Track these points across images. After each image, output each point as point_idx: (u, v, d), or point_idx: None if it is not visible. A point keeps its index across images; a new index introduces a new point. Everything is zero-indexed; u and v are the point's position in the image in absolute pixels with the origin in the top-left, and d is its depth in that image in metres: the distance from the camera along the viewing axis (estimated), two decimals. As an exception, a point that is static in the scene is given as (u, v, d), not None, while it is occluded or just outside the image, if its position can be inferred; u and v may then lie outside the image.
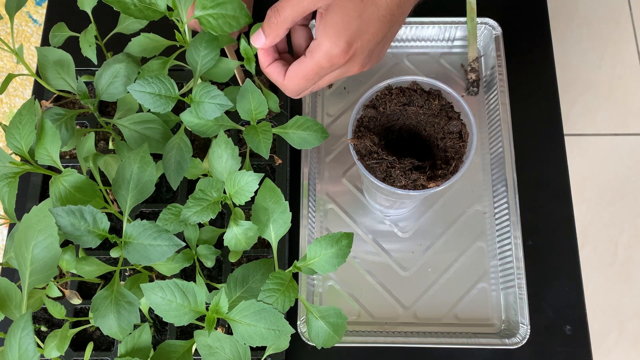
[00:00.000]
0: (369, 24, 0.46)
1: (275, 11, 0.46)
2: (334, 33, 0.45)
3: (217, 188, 0.48)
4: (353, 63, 0.48)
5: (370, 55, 0.49)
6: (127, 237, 0.44)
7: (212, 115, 0.48)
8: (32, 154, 0.46)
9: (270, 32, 0.47)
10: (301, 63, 0.48)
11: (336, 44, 0.45)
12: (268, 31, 0.48)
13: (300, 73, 0.48)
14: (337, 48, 0.46)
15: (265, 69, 0.51)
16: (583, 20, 1.51)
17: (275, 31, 0.47)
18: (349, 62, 0.48)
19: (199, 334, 0.43)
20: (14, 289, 0.44)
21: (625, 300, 1.31)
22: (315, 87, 0.51)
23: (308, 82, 0.49)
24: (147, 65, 0.51)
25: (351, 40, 0.46)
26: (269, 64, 0.50)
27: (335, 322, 0.47)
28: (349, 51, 0.46)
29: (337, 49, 0.46)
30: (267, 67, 0.51)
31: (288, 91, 0.51)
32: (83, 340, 0.62)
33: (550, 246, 0.66)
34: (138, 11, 0.47)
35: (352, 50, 0.46)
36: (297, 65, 0.48)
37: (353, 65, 0.48)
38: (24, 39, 1.50)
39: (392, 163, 0.53)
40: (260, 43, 0.49)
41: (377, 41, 0.48)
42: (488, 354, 0.62)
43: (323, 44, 0.46)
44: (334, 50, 0.46)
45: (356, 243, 0.66)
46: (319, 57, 0.46)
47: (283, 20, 0.46)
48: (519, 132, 0.69)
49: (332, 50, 0.46)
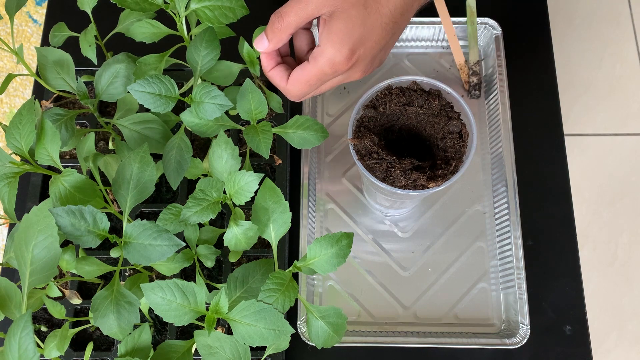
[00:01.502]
0: (372, 32, 0.46)
1: (279, 16, 0.46)
2: (337, 40, 0.45)
3: (217, 188, 0.48)
4: (355, 69, 0.48)
5: (372, 61, 0.49)
6: (127, 237, 0.44)
7: (212, 116, 0.48)
8: (32, 154, 0.46)
9: (274, 37, 0.48)
10: (304, 69, 0.48)
11: (339, 51, 0.46)
12: (271, 36, 0.48)
13: (302, 78, 0.49)
14: (340, 55, 0.46)
15: (267, 72, 0.51)
16: (583, 20, 1.51)
17: (278, 36, 0.47)
18: (351, 69, 0.48)
19: (199, 334, 0.43)
20: (14, 289, 0.44)
21: (625, 300, 1.31)
22: (316, 92, 0.52)
23: (310, 88, 0.50)
24: (143, 58, 0.51)
25: (354, 47, 0.46)
26: (272, 68, 0.51)
27: (335, 322, 0.47)
28: (352, 58, 0.46)
29: (341, 56, 0.46)
30: (270, 71, 0.51)
31: (290, 95, 0.51)
32: (83, 340, 0.62)
33: (550, 246, 0.66)
34: (134, 3, 0.47)
35: (355, 57, 0.47)
36: (300, 71, 0.48)
37: (355, 71, 0.49)
38: (24, 39, 1.50)
39: (392, 163, 0.53)
40: (263, 47, 0.49)
41: (380, 48, 0.48)
42: (488, 354, 0.62)
43: (326, 50, 0.46)
44: (337, 57, 0.46)
45: (356, 243, 0.66)
46: (322, 63, 0.47)
47: (287, 25, 0.47)
48: (519, 132, 0.69)
49: (335, 57, 0.46)
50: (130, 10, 0.47)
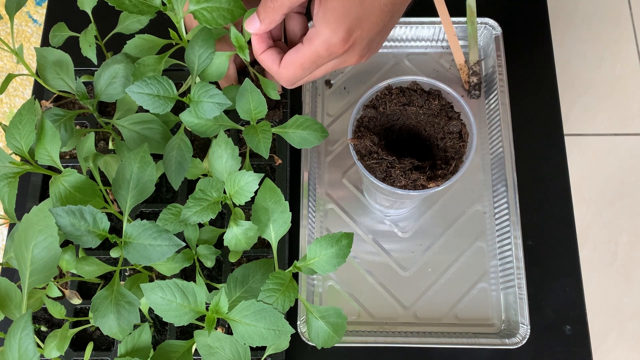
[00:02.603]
0: (370, 12, 0.44)
1: None
2: (333, 20, 0.43)
3: (217, 188, 0.48)
4: (352, 53, 0.46)
5: (370, 45, 0.47)
6: (127, 237, 0.44)
7: (211, 115, 0.48)
8: (32, 154, 0.46)
9: (266, 16, 0.46)
10: (298, 51, 0.46)
11: (335, 32, 0.44)
12: (263, 16, 0.46)
13: (296, 61, 0.47)
14: (336, 37, 0.44)
15: (259, 56, 0.49)
16: (583, 20, 1.51)
17: (270, 16, 0.45)
18: (347, 52, 0.46)
19: (199, 334, 0.43)
20: (14, 289, 0.44)
21: (625, 300, 1.31)
22: (310, 77, 0.50)
23: (304, 71, 0.48)
24: (142, 60, 0.51)
25: (351, 28, 0.44)
26: (264, 51, 0.49)
27: (335, 322, 0.47)
28: (349, 40, 0.44)
29: (336, 37, 0.44)
30: (262, 54, 0.49)
31: (283, 80, 0.49)
32: (83, 340, 0.62)
33: (550, 246, 0.66)
34: (132, 6, 0.47)
35: (352, 39, 0.45)
36: (294, 53, 0.47)
37: (352, 55, 0.47)
38: (24, 39, 1.50)
39: (392, 163, 0.53)
40: (254, 28, 0.47)
41: (377, 31, 0.46)
42: (488, 354, 0.62)
43: (322, 31, 0.44)
44: (332, 38, 0.44)
45: (356, 243, 0.66)
46: (317, 45, 0.45)
47: (280, 5, 0.45)
48: (519, 132, 0.69)
49: (332, 38, 0.44)
50: (129, 12, 0.47)
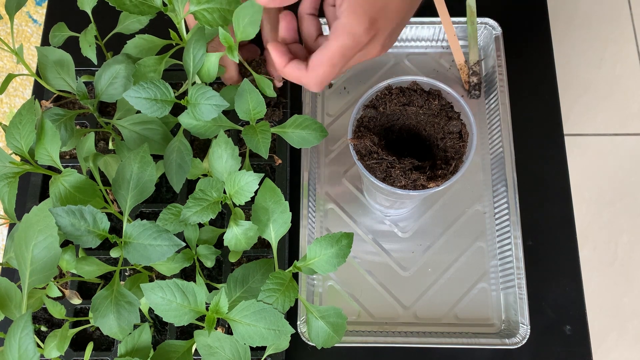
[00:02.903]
0: (392, 2, 0.44)
1: None
2: (360, 10, 0.42)
3: (217, 188, 0.48)
4: (375, 43, 0.46)
5: (391, 35, 0.46)
6: (127, 237, 0.44)
7: (209, 116, 0.48)
8: (32, 154, 0.46)
9: None
10: (326, 47, 0.45)
11: (360, 21, 0.43)
12: None
13: (326, 59, 0.45)
14: (361, 26, 0.43)
15: (283, 69, 0.48)
16: (583, 20, 1.51)
17: None
18: (371, 42, 0.45)
19: (199, 334, 0.43)
20: (14, 289, 0.44)
21: (625, 300, 1.31)
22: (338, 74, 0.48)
23: (334, 68, 0.46)
24: (142, 61, 0.51)
25: (374, 17, 0.43)
26: (286, 64, 0.48)
27: (335, 322, 0.47)
28: (372, 29, 0.44)
29: (361, 27, 0.43)
30: (285, 67, 0.48)
31: (312, 84, 0.48)
32: (83, 340, 0.62)
33: (550, 246, 0.66)
34: (133, 6, 0.47)
35: (375, 28, 0.44)
36: (322, 51, 0.45)
37: (375, 45, 0.46)
38: (24, 39, 1.50)
39: (392, 163, 0.53)
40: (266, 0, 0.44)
41: (398, 22, 0.45)
42: (488, 354, 0.62)
43: (348, 22, 0.43)
44: (357, 28, 0.43)
45: (356, 243, 0.66)
46: (344, 37, 0.43)
47: None
48: (519, 132, 0.69)
49: (357, 28, 0.43)
50: (129, 13, 0.47)
